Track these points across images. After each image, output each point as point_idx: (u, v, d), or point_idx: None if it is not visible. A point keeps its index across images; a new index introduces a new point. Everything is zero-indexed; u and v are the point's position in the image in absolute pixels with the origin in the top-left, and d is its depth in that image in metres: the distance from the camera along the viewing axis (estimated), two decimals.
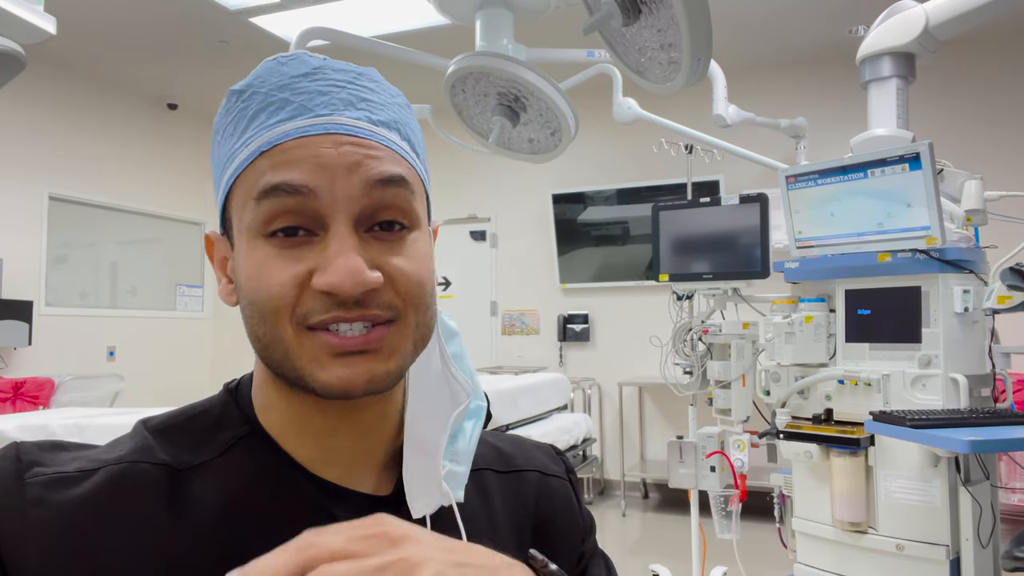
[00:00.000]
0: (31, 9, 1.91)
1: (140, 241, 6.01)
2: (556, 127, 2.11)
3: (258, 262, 0.50)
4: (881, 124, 2.37)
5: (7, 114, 4.97)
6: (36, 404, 4.47)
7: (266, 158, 0.50)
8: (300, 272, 0.49)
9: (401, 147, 0.53)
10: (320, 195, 0.49)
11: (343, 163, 0.49)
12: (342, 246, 0.48)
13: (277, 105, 0.51)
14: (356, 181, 0.49)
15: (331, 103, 0.51)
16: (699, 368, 2.67)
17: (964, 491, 2.01)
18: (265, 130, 0.51)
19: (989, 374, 2.16)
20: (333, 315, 0.48)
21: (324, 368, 0.49)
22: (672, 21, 1.46)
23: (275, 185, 0.49)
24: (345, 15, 4.42)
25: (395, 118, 0.54)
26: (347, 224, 0.49)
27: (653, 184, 5.40)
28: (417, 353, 0.54)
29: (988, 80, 4.73)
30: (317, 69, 0.52)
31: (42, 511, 0.46)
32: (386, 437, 0.57)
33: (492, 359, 5.95)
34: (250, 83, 0.53)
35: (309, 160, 0.49)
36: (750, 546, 3.15)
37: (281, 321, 0.49)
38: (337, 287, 0.47)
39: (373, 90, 0.54)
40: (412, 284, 0.51)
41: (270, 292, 0.49)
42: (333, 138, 0.50)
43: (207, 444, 0.53)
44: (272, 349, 0.50)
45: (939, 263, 2.09)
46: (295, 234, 0.49)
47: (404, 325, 0.51)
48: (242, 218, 0.51)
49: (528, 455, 0.68)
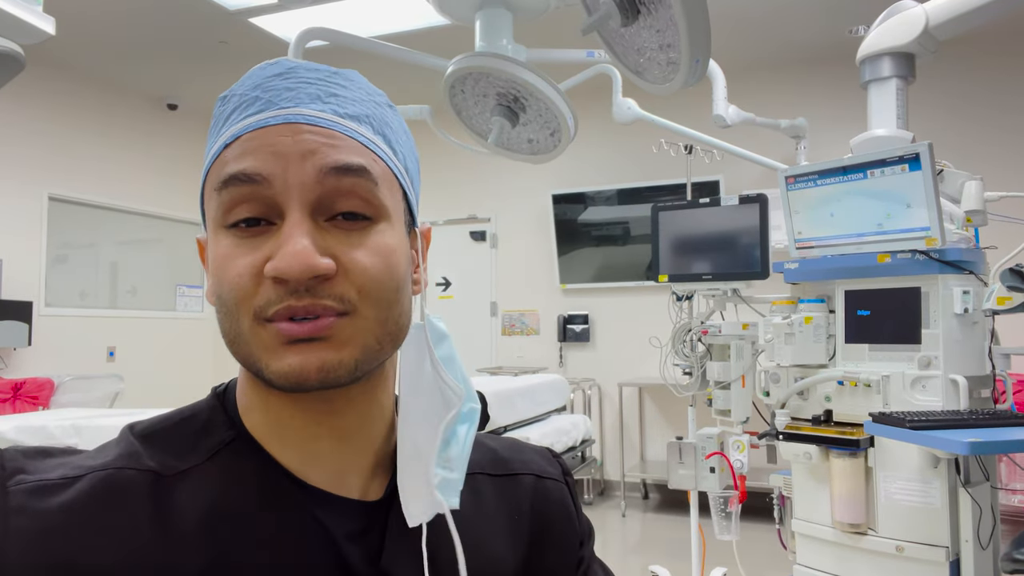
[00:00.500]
0: (30, 9, 1.91)
1: (140, 241, 6.01)
2: (555, 127, 2.10)
3: (221, 252, 0.50)
4: (881, 124, 2.36)
5: (7, 115, 4.97)
6: (36, 405, 4.47)
7: (229, 150, 0.51)
8: (257, 261, 0.49)
9: (369, 139, 0.53)
10: (274, 183, 0.49)
11: (297, 151, 0.49)
12: (293, 231, 0.48)
13: (248, 102, 0.52)
14: (309, 168, 0.49)
15: (297, 97, 0.52)
16: (699, 369, 2.67)
17: (964, 492, 2.01)
18: (233, 124, 0.52)
19: (989, 375, 2.16)
20: (286, 304, 0.48)
21: (276, 357, 0.49)
22: (671, 21, 1.46)
23: (231, 175, 0.49)
24: (344, 15, 4.42)
25: (367, 113, 0.54)
26: (301, 211, 0.49)
27: (653, 184, 5.39)
28: (385, 351, 0.53)
29: (988, 80, 4.73)
30: (291, 69, 0.53)
31: (24, 519, 0.46)
32: (372, 442, 0.57)
33: (492, 360, 5.95)
34: (232, 88, 0.54)
35: (265, 149, 0.49)
36: (750, 547, 3.15)
37: (241, 314, 0.49)
38: (284, 272, 0.47)
39: (345, 87, 0.54)
40: (368, 277, 0.50)
41: (230, 283, 0.49)
42: (292, 127, 0.50)
43: (193, 450, 0.52)
44: (236, 344, 0.50)
45: (939, 264, 2.08)
46: (257, 224, 0.50)
47: (360, 317, 0.50)
48: (210, 210, 0.52)
49: (524, 458, 0.68)
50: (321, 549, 0.51)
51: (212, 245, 0.51)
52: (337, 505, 0.53)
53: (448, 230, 6.16)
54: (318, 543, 0.51)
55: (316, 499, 0.53)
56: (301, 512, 0.52)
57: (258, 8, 4.38)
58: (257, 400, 0.54)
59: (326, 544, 0.51)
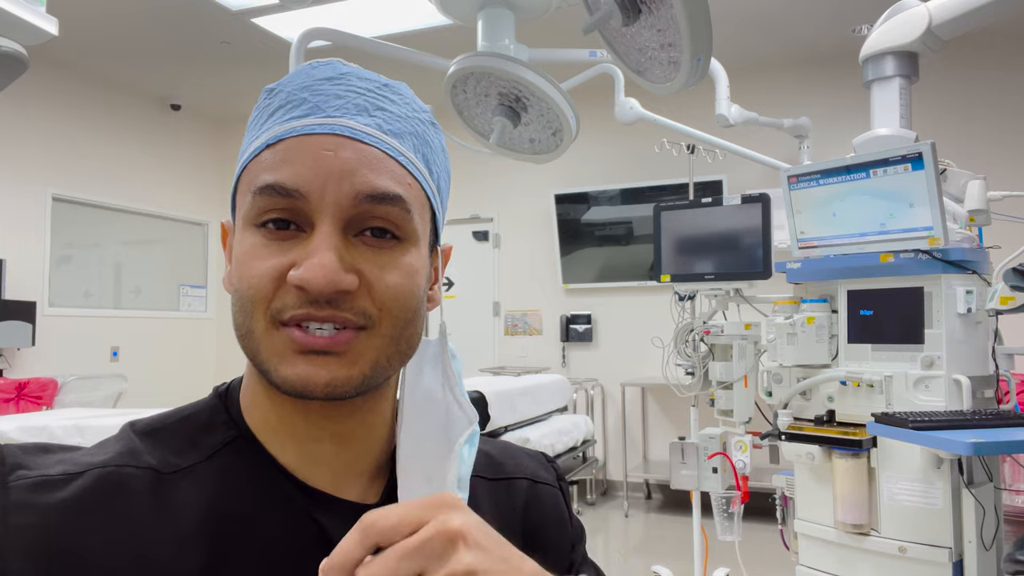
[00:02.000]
0: (33, 10, 1.91)
1: (144, 241, 6.02)
2: (557, 127, 2.10)
3: (246, 249, 0.50)
4: (884, 124, 2.35)
5: (10, 115, 4.98)
6: (39, 405, 4.47)
7: (270, 151, 0.51)
8: (281, 265, 0.49)
9: (409, 159, 0.53)
10: (310, 198, 0.49)
11: (338, 168, 0.49)
12: (321, 244, 0.48)
13: (295, 103, 0.52)
14: (347, 189, 0.49)
15: (345, 107, 0.51)
16: (701, 369, 2.67)
17: (967, 493, 2.00)
18: (277, 124, 0.51)
19: (992, 375, 2.15)
20: (305, 311, 0.48)
21: (287, 363, 0.49)
22: (672, 21, 1.45)
23: (269, 184, 0.49)
24: (347, 15, 4.42)
25: (411, 131, 0.54)
26: (332, 225, 0.49)
27: (656, 184, 5.39)
28: (393, 367, 0.53)
29: (992, 80, 4.71)
30: (343, 75, 0.53)
31: (24, 515, 0.46)
32: (372, 447, 0.57)
33: (495, 360, 5.95)
34: (280, 82, 0.54)
35: (305, 161, 0.49)
36: (752, 547, 3.14)
37: (256, 313, 0.49)
38: (308, 283, 0.47)
39: (394, 101, 0.54)
40: (389, 295, 0.51)
41: (250, 281, 0.49)
42: (335, 140, 0.50)
43: (194, 448, 0.53)
44: (247, 339, 0.51)
45: (942, 264, 2.08)
46: (286, 227, 0.50)
47: (376, 334, 0.50)
48: (242, 207, 0.52)
49: (518, 462, 0.68)
50: (319, 551, 0.51)
51: (239, 239, 0.52)
52: (336, 507, 0.53)
53: (451, 230, 6.16)
54: (317, 545, 0.51)
55: (316, 501, 0.53)
56: (300, 513, 0.52)
57: (260, 8, 4.39)
58: (261, 397, 0.54)
59: (324, 546, 0.51)
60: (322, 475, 0.54)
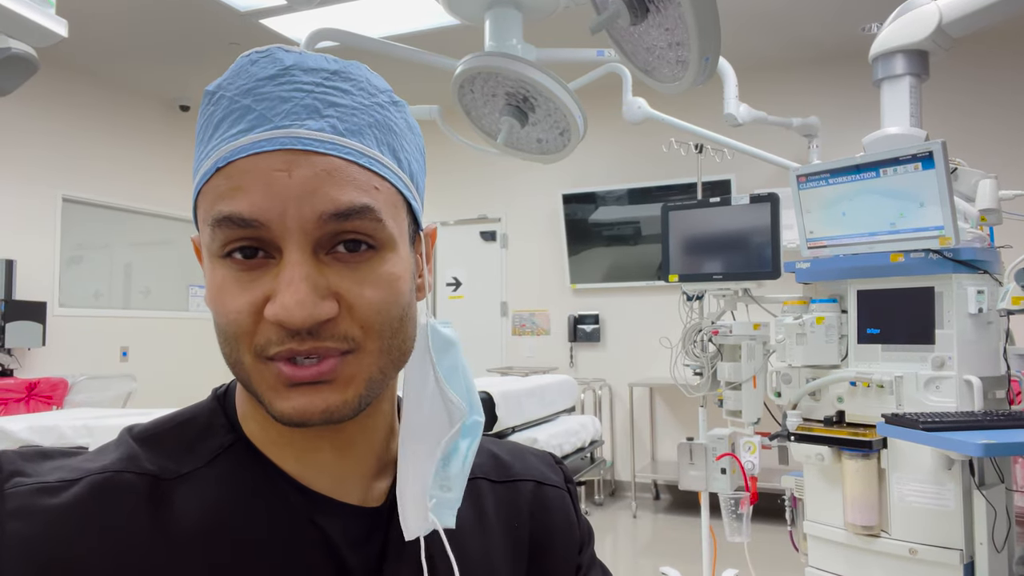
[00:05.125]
0: (43, 13, 1.92)
1: (153, 242, 6.05)
2: (565, 127, 2.10)
3: (217, 284, 0.48)
4: (894, 122, 2.34)
5: (21, 117, 5.01)
6: (49, 404, 4.50)
7: (221, 176, 0.47)
8: (256, 299, 0.47)
9: (373, 158, 0.49)
10: (271, 227, 0.46)
11: (295, 191, 0.46)
12: (292, 275, 0.46)
13: (239, 113, 0.48)
14: (308, 213, 0.46)
15: (293, 111, 0.47)
16: (709, 369, 2.66)
17: (978, 495, 1.99)
18: (224, 142, 0.48)
19: (1004, 376, 2.13)
20: (287, 347, 0.46)
21: (281, 397, 0.47)
22: (680, 20, 1.45)
23: (225, 216, 0.46)
24: (355, 16, 4.43)
25: (370, 122, 0.50)
26: (300, 252, 0.46)
27: (664, 184, 5.37)
28: (388, 377, 0.51)
29: (1003, 78, 4.68)
30: (285, 70, 0.48)
31: (20, 522, 0.45)
32: (373, 450, 0.56)
33: (502, 360, 5.95)
34: (220, 84, 0.50)
35: (259, 187, 0.46)
36: (761, 549, 3.13)
37: (241, 347, 0.48)
38: (285, 320, 0.45)
39: (346, 91, 0.50)
40: (372, 312, 0.48)
41: (228, 318, 0.47)
42: (288, 157, 0.46)
43: (193, 453, 0.52)
44: (237, 369, 0.49)
45: (953, 263, 2.06)
46: (254, 255, 0.47)
47: (364, 354, 0.48)
48: (204, 235, 0.49)
49: (526, 464, 0.67)
50: (322, 555, 0.51)
51: (208, 271, 0.49)
52: (338, 511, 0.53)
53: (458, 230, 6.16)
54: (319, 549, 0.51)
55: (317, 505, 0.52)
56: (301, 518, 0.51)
57: (269, 9, 4.40)
58: (255, 411, 0.54)
59: (327, 550, 0.51)
60: (323, 479, 0.53)
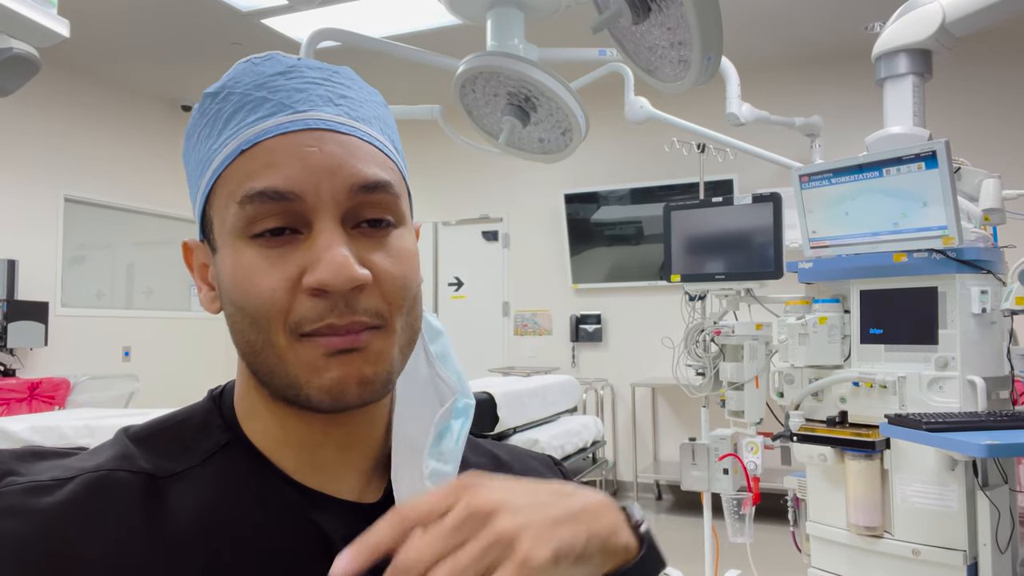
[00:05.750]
0: (45, 13, 1.92)
1: (155, 242, 6.06)
2: (567, 127, 2.09)
3: (245, 265, 0.49)
4: (897, 122, 2.33)
5: (23, 117, 5.02)
6: (52, 404, 4.50)
7: (247, 158, 0.49)
8: (291, 274, 0.48)
9: (383, 144, 0.53)
10: (306, 199, 0.48)
11: (326, 163, 0.48)
12: (330, 241, 0.47)
13: (255, 104, 0.50)
14: (340, 184, 0.48)
15: (310, 99, 0.50)
16: (712, 369, 2.65)
17: (982, 495, 1.98)
18: (244, 128, 0.50)
19: (1007, 376, 2.13)
20: (327, 322, 0.48)
21: (318, 372, 0.48)
22: (682, 19, 1.44)
23: (260, 191, 0.48)
24: (356, 16, 4.43)
25: (374, 115, 0.54)
26: (334, 222, 0.48)
27: (666, 183, 5.37)
28: (405, 358, 0.53)
29: (1006, 77, 4.67)
30: (292, 67, 0.51)
31: (14, 521, 0.45)
32: (373, 445, 0.56)
33: (504, 360, 5.94)
34: (224, 84, 0.52)
35: (293, 161, 0.48)
36: (763, 549, 3.12)
37: (274, 328, 0.48)
38: (327, 283, 0.46)
39: (350, 87, 0.53)
40: (398, 287, 0.50)
41: (261, 297, 0.48)
42: (315, 135, 0.49)
43: (188, 452, 0.52)
44: (264, 355, 0.49)
45: (956, 263, 2.05)
46: (281, 233, 0.49)
47: (390, 330, 0.50)
48: (224, 220, 0.50)
49: (525, 465, 0.67)
50: (318, 553, 0.51)
51: (229, 255, 0.50)
52: (334, 508, 0.53)
53: (460, 230, 6.16)
54: (314, 546, 0.51)
55: (312, 502, 0.52)
56: (297, 515, 0.51)
57: (270, 9, 4.40)
58: (262, 408, 0.54)
59: (323, 548, 0.51)
60: (320, 476, 0.54)
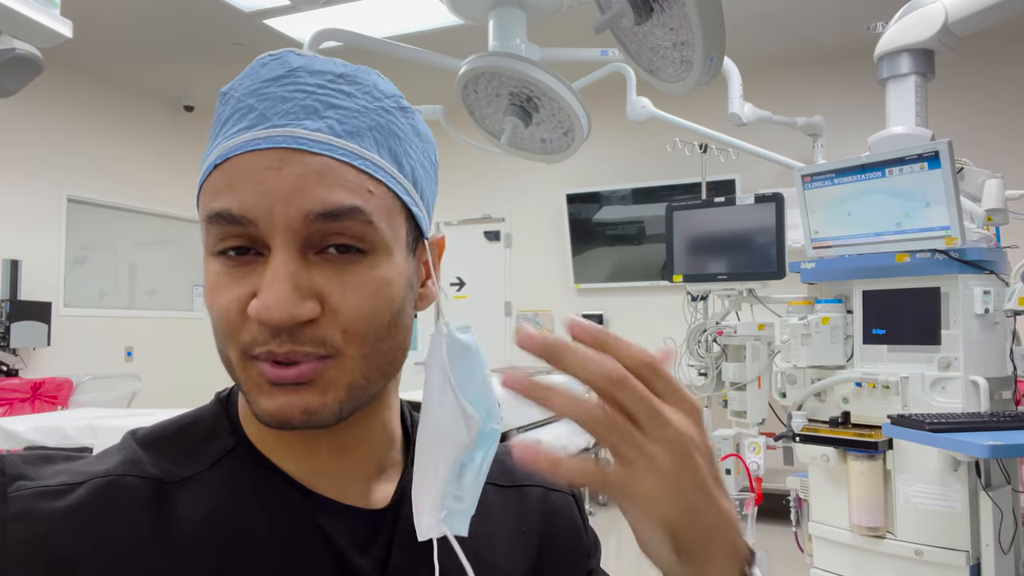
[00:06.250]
0: (48, 13, 1.92)
1: (158, 242, 6.07)
2: (569, 127, 2.09)
3: (211, 280, 0.49)
4: (899, 122, 2.33)
5: (25, 117, 5.02)
6: (54, 404, 4.51)
7: (218, 172, 0.48)
8: (243, 295, 0.47)
9: (370, 161, 0.49)
10: (259, 224, 0.46)
11: (284, 189, 0.46)
12: (275, 275, 0.46)
13: (242, 112, 0.49)
14: (295, 211, 0.46)
15: (291, 111, 0.47)
16: (714, 370, 2.65)
17: (985, 496, 1.98)
18: (224, 139, 0.49)
19: (1010, 376, 2.12)
20: (267, 349, 0.46)
21: (264, 396, 0.48)
22: (684, 19, 1.44)
23: (217, 212, 0.47)
24: (359, 16, 4.43)
25: (371, 125, 0.50)
26: (287, 251, 0.46)
27: (668, 183, 5.36)
28: (373, 384, 0.51)
29: (1009, 77, 4.66)
30: (291, 72, 0.49)
31: (23, 526, 0.45)
32: (374, 453, 0.56)
33: (506, 360, 5.94)
34: (232, 85, 0.51)
35: (249, 184, 0.46)
36: (766, 549, 3.11)
37: (230, 344, 0.48)
38: (264, 318, 0.45)
39: (348, 94, 0.49)
40: (356, 316, 0.48)
41: (219, 314, 0.48)
42: (280, 155, 0.46)
43: (196, 457, 0.52)
44: (228, 366, 0.50)
45: (959, 263, 2.05)
46: (246, 252, 0.48)
47: (345, 359, 0.48)
48: (202, 231, 0.50)
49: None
50: (325, 558, 0.51)
51: (205, 266, 0.50)
52: (342, 514, 0.53)
53: (462, 230, 6.16)
54: (322, 552, 0.51)
55: (320, 507, 0.52)
56: (305, 520, 0.51)
57: (273, 10, 4.40)
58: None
59: (331, 553, 0.51)
60: (325, 481, 0.53)
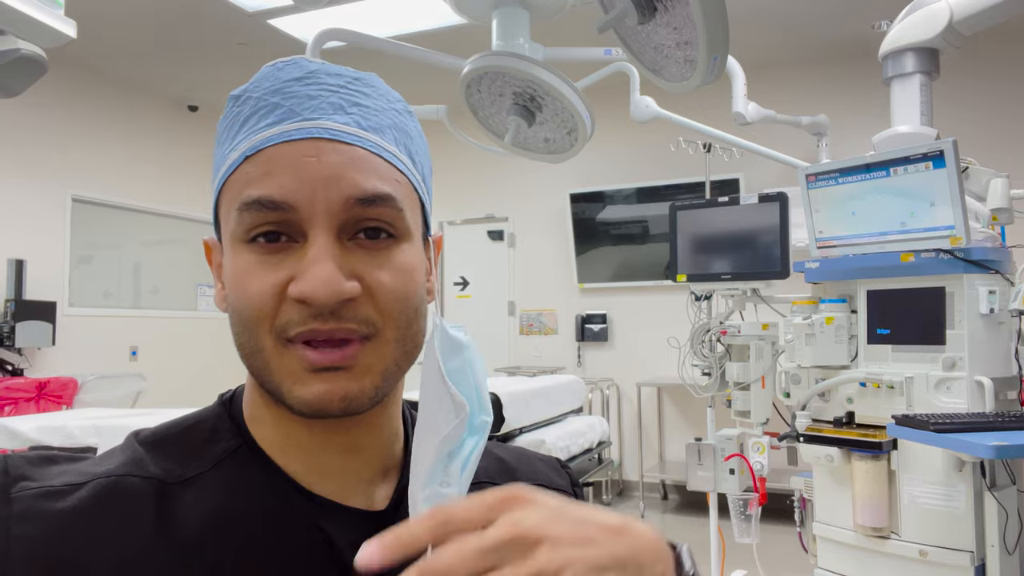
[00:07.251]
0: (52, 13, 1.93)
1: (162, 242, 6.08)
2: (572, 126, 2.09)
3: (240, 268, 0.49)
4: (904, 121, 2.32)
5: (30, 117, 5.04)
6: (59, 404, 4.52)
7: (250, 164, 0.49)
8: (279, 280, 0.48)
9: (391, 153, 0.52)
10: (299, 209, 0.48)
11: (323, 175, 0.48)
12: (319, 254, 0.47)
13: (267, 109, 0.50)
14: (335, 195, 0.48)
15: (320, 107, 0.50)
16: (718, 369, 2.64)
17: (989, 496, 1.97)
18: (252, 134, 0.50)
19: (1015, 377, 2.11)
20: (309, 328, 0.47)
21: (302, 384, 0.48)
22: (688, 19, 1.44)
23: (255, 199, 0.48)
24: (362, 16, 4.43)
25: (390, 123, 0.53)
26: (326, 234, 0.48)
27: (672, 183, 5.36)
28: (401, 371, 0.52)
29: (1014, 76, 4.64)
30: (311, 73, 0.51)
31: (27, 526, 0.45)
32: (379, 453, 0.56)
33: (510, 359, 5.94)
34: (246, 88, 0.52)
35: (289, 171, 0.48)
36: (770, 550, 3.11)
37: (261, 331, 0.49)
38: (310, 296, 0.46)
39: (368, 95, 0.53)
40: (392, 299, 0.50)
41: (250, 301, 0.49)
42: (316, 144, 0.49)
43: (198, 457, 0.52)
44: (254, 359, 0.50)
45: (964, 263, 2.04)
46: (277, 239, 0.49)
47: (382, 341, 0.50)
48: (228, 223, 0.51)
49: (532, 468, 0.67)
50: (326, 559, 0.51)
51: (230, 257, 0.51)
52: (343, 515, 0.53)
53: (466, 230, 6.16)
54: (323, 553, 0.51)
55: (321, 509, 0.52)
56: (306, 522, 0.51)
57: (276, 10, 4.41)
58: (267, 412, 0.54)
59: (331, 554, 0.51)
60: (328, 483, 0.54)
